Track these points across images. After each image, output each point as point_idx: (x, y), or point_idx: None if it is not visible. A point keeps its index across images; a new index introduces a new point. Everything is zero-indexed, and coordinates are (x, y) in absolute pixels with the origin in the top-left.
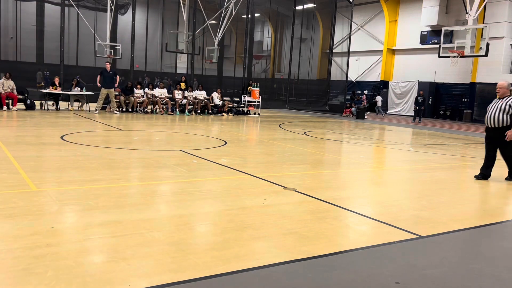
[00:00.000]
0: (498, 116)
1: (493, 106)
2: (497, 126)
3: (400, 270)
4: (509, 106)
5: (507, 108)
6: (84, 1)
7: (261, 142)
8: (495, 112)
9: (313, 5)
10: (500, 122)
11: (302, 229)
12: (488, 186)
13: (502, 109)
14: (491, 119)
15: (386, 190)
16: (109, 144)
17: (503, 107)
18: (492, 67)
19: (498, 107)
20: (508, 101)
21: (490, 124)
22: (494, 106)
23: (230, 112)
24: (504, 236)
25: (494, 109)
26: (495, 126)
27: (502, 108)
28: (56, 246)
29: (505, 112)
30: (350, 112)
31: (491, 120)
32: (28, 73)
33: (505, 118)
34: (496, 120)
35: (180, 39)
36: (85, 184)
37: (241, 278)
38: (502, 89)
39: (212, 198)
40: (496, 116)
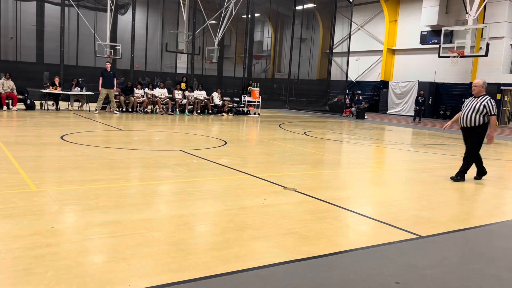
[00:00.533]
0: (471, 116)
1: (468, 105)
2: (470, 125)
3: (400, 270)
4: (483, 106)
5: (481, 109)
6: (84, 1)
7: (261, 142)
8: (469, 112)
9: (313, 5)
10: (472, 122)
11: (302, 229)
12: (487, 186)
13: (476, 109)
14: (465, 119)
15: (386, 190)
16: (109, 144)
17: (477, 107)
18: (492, 67)
19: (472, 107)
20: (483, 102)
21: (464, 123)
22: (469, 105)
23: (230, 112)
24: (504, 236)
25: (469, 108)
26: (468, 126)
27: (476, 108)
28: (56, 246)
29: (479, 112)
30: (350, 112)
31: (465, 119)
32: (28, 73)
33: (477, 118)
34: (470, 120)
35: (180, 39)
36: (85, 184)
37: (241, 278)
38: (477, 88)
39: (212, 198)
40: (470, 116)
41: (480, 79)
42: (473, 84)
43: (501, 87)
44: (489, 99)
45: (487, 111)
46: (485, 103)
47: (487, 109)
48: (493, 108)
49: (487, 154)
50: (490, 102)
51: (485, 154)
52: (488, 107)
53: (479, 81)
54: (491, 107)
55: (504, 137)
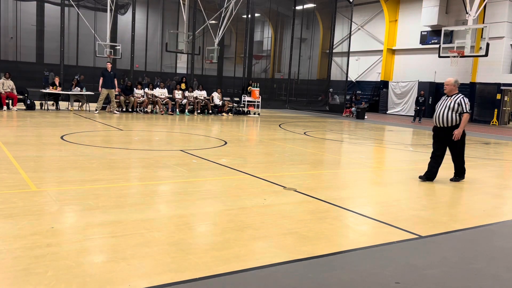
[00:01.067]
0: (446, 114)
1: (441, 104)
2: (445, 125)
3: (400, 270)
4: (458, 104)
5: (456, 107)
6: (84, 1)
7: (261, 142)
8: (443, 111)
9: (313, 5)
10: (449, 121)
11: (302, 229)
12: (487, 186)
13: (450, 107)
14: (439, 118)
15: (386, 190)
16: (109, 144)
17: (451, 105)
18: (492, 67)
19: (446, 105)
20: (456, 99)
21: (438, 123)
22: (442, 104)
23: (230, 112)
24: (504, 236)
25: (442, 107)
26: (443, 126)
27: (450, 106)
28: (56, 246)
29: (454, 110)
30: (350, 112)
31: (439, 119)
32: (28, 73)
33: (453, 116)
34: (445, 119)
35: (180, 39)
36: (85, 184)
37: (241, 278)
38: (449, 86)
39: (212, 198)
40: (444, 115)
41: (452, 78)
42: (445, 83)
43: (501, 87)
44: (462, 97)
45: (461, 108)
46: (459, 101)
47: (461, 106)
48: (467, 105)
49: (487, 154)
50: (464, 99)
51: (485, 154)
52: (462, 104)
53: (450, 79)
54: (465, 104)
55: (504, 137)
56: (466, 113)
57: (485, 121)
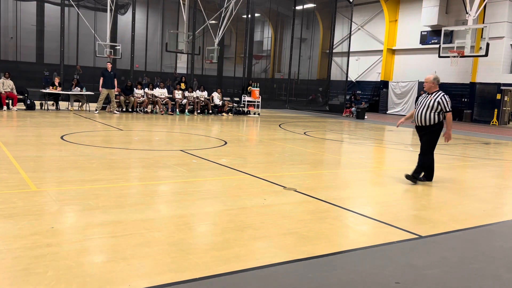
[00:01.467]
0: (425, 114)
1: (421, 103)
2: (424, 124)
3: (400, 270)
4: (437, 103)
5: (435, 105)
6: (84, 1)
7: (261, 142)
8: (422, 110)
9: (313, 5)
10: (427, 120)
11: (302, 229)
12: (487, 186)
13: (430, 106)
14: (419, 117)
15: (386, 190)
16: (109, 144)
17: (431, 104)
18: (492, 67)
19: (426, 104)
20: (436, 98)
21: (418, 122)
22: (422, 102)
23: (230, 112)
24: (504, 236)
25: (422, 106)
26: (422, 124)
27: (430, 105)
28: (56, 246)
29: (433, 109)
30: (350, 112)
31: (419, 118)
32: (28, 73)
33: (432, 116)
34: (423, 118)
35: (180, 39)
36: (85, 184)
37: (241, 278)
38: (428, 84)
39: (212, 198)
40: (423, 114)
41: (432, 74)
42: (425, 80)
43: (501, 87)
44: (442, 95)
45: (442, 107)
46: (439, 100)
47: (441, 105)
48: (448, 104)
49: (487, 154)
50: (444, 98)
51: (485, 154)
52: (442, 103)
53: (430, 76)
54: (446, 103)
55: (504, 137)
56: (449, 112)
57: (485, 121)
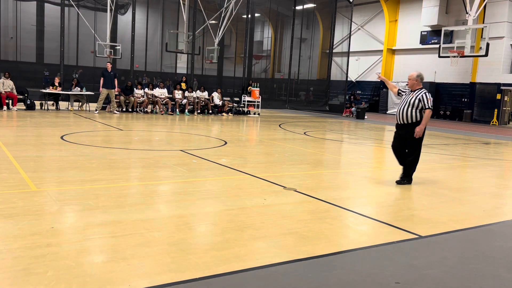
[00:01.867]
0: (407, 111)
1: (404, 100)
2: (405, 122)
3: (400, 270)
4: (418, 100)
5: (416, 103)
6: (84, 1)
7: (261, 142)
8: (404, 107)
9: (313, 5)
10: (408, 117)
11: (302, 229)
12: (487, 187)
13: (411, 103)
14: (401, 115)
15: (386, 190)
16: (109, 144)
17: (412, 101)
18: (492, 67)
19: (408, 102)
20: (418, 95)
21: (399, 120)
22: (405, 99)
23: (230, 112)
24: (504, 236)
25: (404, 103)
26: (404, 122)
27: (411, 102)
28: (56, 246)
29: (415, 107)
30: (350, 112)
31: (401, 115)
32: (28, 73)
33: (414, 113)
34: (405, 115)
35: (180, 39)
36: (85, 184)
37: (241, 278)
38: (411, 81)
39: (212, 198)
40: (405, 111)
41: (415, 72)
42: (408, 77)
43: (501, 87)
44: (425, 92)
45: (423, 104)
46: (420, 97)
47: (422, 102)
48: (429, 101)
49: (487, 154)
50: (425, 95)
51: (485, 154)
52: (423, 100)
53: (413, 73)
54: (426, 100)
55: (504, 137)
56: (428, 109)
57: (485, 121)
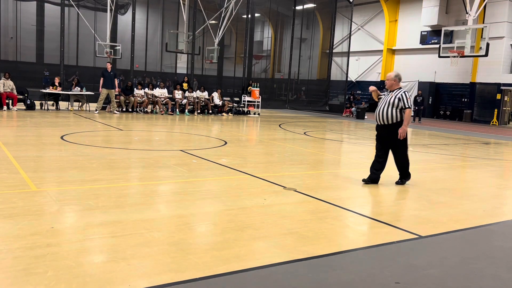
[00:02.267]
0: (387, 111)
1: (383, 100)
2: (386, 122)
3: (400, 270)
4: (398, 99)
5: (396, 102)
6: (84, 1)
7: (261, 142)
8: (384, 107)
9: (313, 5)
10: (389, 118)
11: (302, 229)
12: (487, 187)
13: (391, 103)
14: (380, 115)
15: (386, 190)
16: (109, 144)
17: (391, 101)
18: (492, 67)
19: (387, 101)
20: (397, 94)
21: (379, 120)
22: (384, 100)
23: (230, 112)
24: (504, 236)
25: (383, 103)
26: (384, 123)
27: (391, 102)
28: (56, 246)
29: (394, 106)
30: (350, 112)
31: (381, 116)
32: (28, 73)
33: (394, 113)
34: (385, 116)
35: (180, 39)
36: (85, 184)
37: (241, 278)
38: (389, 81)
39: (212, 198)
40: (385, 111)
41: (393, 72)
42: (386, 77)
43: (501, 87)
44: (403, 92)
45: (402, 104)
46: (399, 96)
47: (401, 102)
48: (408, 100)
49: (487, 154)
50: (404, 94)
51: (485, 154)
52: (402, 99)
53: (391, 73)
54: (406, 99)
55: (504, 137)
56: (408, 108)
57: (485, 121)
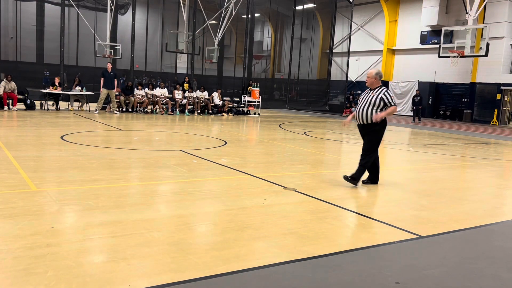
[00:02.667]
0: (367, 111)
1: (363, 99)
2: (366, 122)
3: (400, 270)
4: (380, 99)
5: (377, 102)
6: (84, 1)
7: (261, 142)
8: (365, 107)
9: (313, 5)
10: (368, 118)
11: (302, 229)
12: (487, 187)
13: (372, 103)
14: (361, 115)
15: (386, 190)
16: (109, 144)
17: (373, 101)
18: (492, 67)
19: (368, 101)
20: (379, 94)
21: (359, 120)
22: (364, 99)
23: (230, 112)
24: (504, 236)
25: (364, 102)
26: (364, 122)
27: (372, 102)
28: (56, 246)
29: (376, 106)
30: (350, 112)
31: (361, 115)
32: (28, 73)
33: (374, 113)
34: (365, 115)
35: (180, 39)
36: (85, 184)
37: (241, 278)
38: (370, 79)
39: (212, 198)
40: (365, 110)
41: (374, 69)
42: (367, 75)
43: (501, 87)
44: (385, 91)
45: (385, 103)
46: (381, 96)
47: (385, 101)
48: (391, 99)
49: (487, 154)
50: (387, 93)
51: (485, 154)
52: (385, 99)
53: (372, 71)
54: (389, 98)
55: (504, 137)
56: (393, 106)
57: (485, 121)
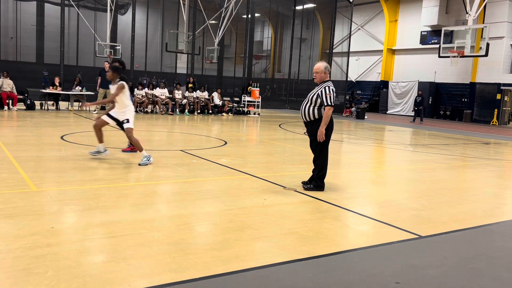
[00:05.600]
0: (306, 108)
1: (308, 95)
2: (306, 119)
3: (400, 270)
4: (317, 96)
5: (314, 99)
6: (84, 1)
7: (261, 142)
8: (306, 104)
9: (313, 5)
10: (306, 115)
11: (302, 229)
12: (487, 187)
13: (311, 100)
14: (302, 112)
15: (386, 190)
16: (109, 144)
17: (312, 98)
18: (492, 67)
19: (309, 98)
20: (318, 90)
21: (301, 117)
22: (309, 95)
23: (230, 112)
24: (504, 236)
25: (307, 99)
26: (305, 120)
27: (311, 99)
28: (56, 246)
29: (313, 104)
30: (350, 112)
31: (302, 112)
32: (28, 73)
33: (311, 111)
34: (304, 113)
35: (180, 39)
36: (85, 184)
37: (241, 278)
38: (318, 74)
39: (212, 198)
40: (305, 108)
41: (322, 63)
42: (314, 70)
43: (501, 87)
44: (326, 86)
45: (322, 101)
46: (319, 92)
47: (321, 98)
48: (328, 97)
49: (487, 154)
50: (326, 89)
51: (485, 154)
52: (322, 95)
53: (319, 65)
54: (326, 95)
55: (504, 137)
56: (328, 106)
57: (485, 121)
